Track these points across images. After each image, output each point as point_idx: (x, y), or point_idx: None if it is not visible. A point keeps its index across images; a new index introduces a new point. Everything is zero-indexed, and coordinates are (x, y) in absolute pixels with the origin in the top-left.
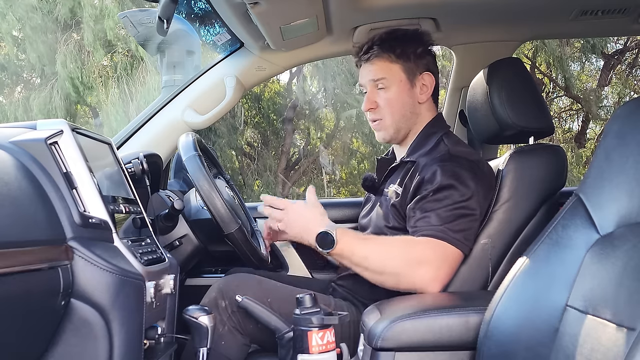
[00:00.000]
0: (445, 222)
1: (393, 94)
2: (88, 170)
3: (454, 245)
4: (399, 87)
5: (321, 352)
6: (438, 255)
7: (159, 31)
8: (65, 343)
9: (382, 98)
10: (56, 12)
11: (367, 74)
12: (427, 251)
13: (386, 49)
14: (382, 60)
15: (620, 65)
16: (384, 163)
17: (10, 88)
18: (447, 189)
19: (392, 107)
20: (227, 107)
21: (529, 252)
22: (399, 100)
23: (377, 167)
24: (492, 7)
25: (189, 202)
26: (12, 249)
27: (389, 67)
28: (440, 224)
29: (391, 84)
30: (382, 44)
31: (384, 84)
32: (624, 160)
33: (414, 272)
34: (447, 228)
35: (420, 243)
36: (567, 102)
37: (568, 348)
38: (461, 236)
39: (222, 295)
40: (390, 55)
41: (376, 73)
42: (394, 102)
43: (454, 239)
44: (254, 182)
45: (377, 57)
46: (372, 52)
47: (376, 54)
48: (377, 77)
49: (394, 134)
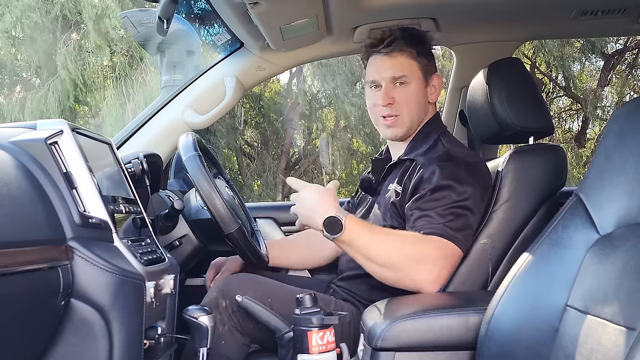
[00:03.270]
0: (445, 220)
1: (413, 90)
2: (88, 170)
3: (454, 244)
4: (418, 84)
5: (321, 352)
6: (441, 253)
7: (159, 31)
8: (65, 343)
9: (401, 94)
10: (55, 12)
11: (386, 69)
12: (430, 249)
13: (409, 44)
14: (404, 55)
15: (620, 65)
16: (379, 163)
17: (9, 88)
18: (445, 189)
19: (410, 104)
20: (227, 107)
21: (529, 252)
22: (417, 97)
23: (373, 167)
24: (492, 7)
25: (189, 202)
26: (12, 249)
27: (410, 63)
28: (440, 222)
29: (411, 80)
30: (405, 39)
31: (405, 80)
32: (624, 160)
33: (416, 268)
34: (446, 226)
35: (425, 240)
36: (567, 102)
37: (568, 348)
38: (460, 235)
39: (222, 295)
40: (412, 52)
41: (398, 69)
42: (413, 99)
43: (454, 237)
44: (253, 182)
45: (400, 52)
46: (395, 46)
47: (400, 49)
48: (398, 74)
49: (407, 131)
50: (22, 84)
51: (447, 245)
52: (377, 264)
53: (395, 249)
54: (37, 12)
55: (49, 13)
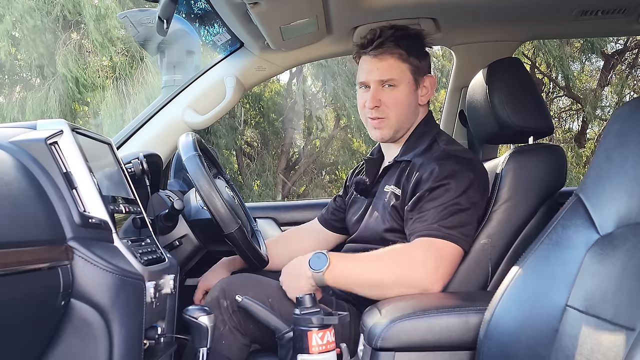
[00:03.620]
0: (440, 219)
1: (401, 93)
2: (88, 170)
3: (449, 241)
4: (407, 87)
5: (321, 352)
6: (433, 254)
7: (159, 31)
8: (65, 343)
9: (389, 97)
10: (55, 12)
11: (374, 72)
12: (421, 252)
13: (398, 46)
14: (393, 57)
15: (620, 65)
16: (373, 164)
17: (9, 88)
18: (443, 187)
19: (398, 106)
20: (227, 107)
21: (529, 252)
22: (406, 100)
23: (367, 168)
24: (492, 7)
25: (189, 202)
26: (12, 249)
27: (399, 66)
28: (434, 222)
29: (400, 83)
30: (395, 40)
31: (393, 83)
32: (624, 160)
33: (412, 276)
34: (440, 225)
35: (413, 247)
36: (567, 102)
37: (568, 348)
38: (457, 232)
39: (224, 295)
40: (403, 54)
41: (386, 72)
42: (401, 102)
43: (448, 235)
44: (253, 182)
45: (389, 54)
46: (384, 49)
47: (389, 52)
48: (386, 77)
49: (394, 133)
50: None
51: (441, 244)
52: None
53: (385, 263)
54: (38, 12)
55: (50, 14)
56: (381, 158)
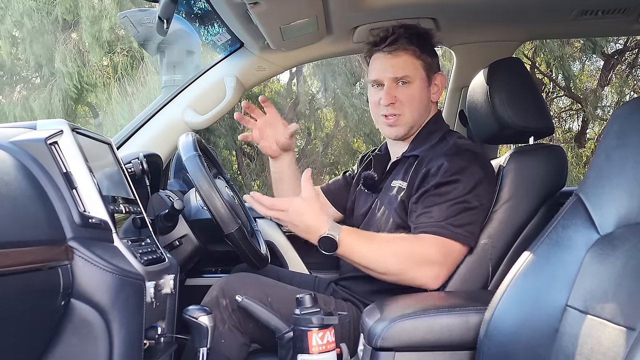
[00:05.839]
0: (448, 217)
1: (415, 90)
2: (88, 170)
3: (456, 241)
4: (421, 83)
5: (321, 352)
6: (441, 253)
7: (159, 31)
8: (65, 343)
9: (403, 93)
10: (55, 12)
11: (388, 68)
12: (430, 250)
13: (411, 42)
14: (407, 54)
15: (620, 65)
16: (381, 159)
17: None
18: (452, 183)
19: (412, 103)
20: (227, 107)
21: (529, 252)
22: (419, 97)
23: (375, 163)
24: (492, 7)
25: (189, 202)
26: (12, 249)
27: (413, 62)
28: (442, 220)
29: (414, 80)
30: (408, 37)
31: (407, 80)
32: (624, 160)
33: (416, 271)
34: (448, 223)
35: (423, 242)
36: (567, 102)
37: (568, 348)
38: (464, 230)
39: (223, 294)
40: (416, 50)
41: (401, 68)
42: (415, 99)
43: (456, 234)
44: (253, 182)
45: (403, 51)
46: (398, 45)
47: (403, 48)
48: (401, 74)
49: (408, 130)
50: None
51: (449, 244)
52: (375, 271)
53: (392, 256)
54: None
55: (50, 14)
56: (388, 155)
